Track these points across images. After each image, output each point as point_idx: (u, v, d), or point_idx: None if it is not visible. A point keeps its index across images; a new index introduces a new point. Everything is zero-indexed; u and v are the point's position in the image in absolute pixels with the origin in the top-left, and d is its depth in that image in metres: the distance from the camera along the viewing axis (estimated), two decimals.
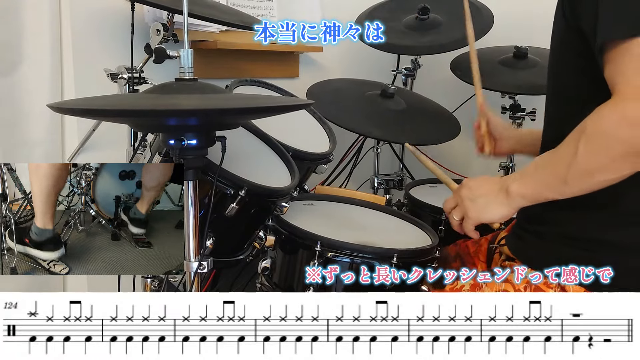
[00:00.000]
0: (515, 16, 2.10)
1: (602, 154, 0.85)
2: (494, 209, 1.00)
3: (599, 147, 0.85)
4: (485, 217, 1.03)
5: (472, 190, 1.04)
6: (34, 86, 1.45)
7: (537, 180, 0.96)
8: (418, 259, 1.20)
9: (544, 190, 0.95)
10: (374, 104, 1.80)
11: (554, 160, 0.93)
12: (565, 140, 0.90)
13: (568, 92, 1.01)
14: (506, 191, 0.98)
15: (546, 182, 0.94)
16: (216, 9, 1.52)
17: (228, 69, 1.84)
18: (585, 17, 0.89)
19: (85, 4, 1.52)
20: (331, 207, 1.48)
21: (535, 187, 0.96)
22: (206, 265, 1.00)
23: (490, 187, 1.02)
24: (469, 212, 1.03)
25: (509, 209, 0.99)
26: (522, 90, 1.86)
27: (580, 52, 0.93)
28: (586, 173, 0.88)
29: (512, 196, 0.98)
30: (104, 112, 0.94)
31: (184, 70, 0.96)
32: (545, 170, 0.95)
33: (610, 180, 0.87)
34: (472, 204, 1.03)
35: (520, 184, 0.97)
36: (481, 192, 1.02)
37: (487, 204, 1.01)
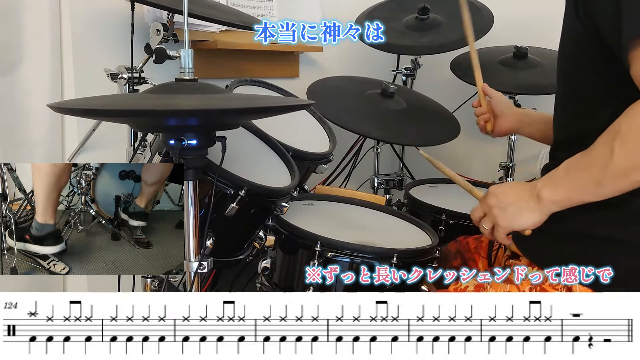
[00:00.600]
0: (515, 16, 2.10)
1: (638, 153, 0.84)
2: (526, 216, 0.99)
3: (636, 145, 0.84)
4: (517, 225, 1.01)
5: (500, 198, 1.02)
6: (34, 86, 1.45)
7: (569, 184, 0.94)
8: (418, 259, 1.20)
9: (577, 194, 0.93)
10: (374, 104, 1.80)
11: (587, 162, 0.91)
12: (598, 142, 0.89)
13: (582, 94, 1.00)
14: (537, 197, 0.97)
15: (580, 185, 0.93)
16: (216, 9, 1.52)
17: (228, 69, 1.84)
18: (602, 15, 0.88)
19: (85, 4, 1.52)
20: (331, 207, 1.48)
21: (568, 192, 0.94)
22: (206, 265, 1.00)
23: (519, 194, 1.00)
24: (500, 220, 1.02)
25: (541, 215, 0.98)
26: (522, 90, 1.86)
27: (594, 53, 0.92)
28: (623, 173, 0.87)
29: (544, 202, 0.96)
30: (104, 112, 0.94)
31: (184, 70, 0.96)
32: (578, 173, 0.93)
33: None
34: (502, 213, 1.01)
35: (552, 189, 0.96)
36: (510, 200, 1.01)
37: (517, 212, 1.00)
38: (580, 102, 1.01)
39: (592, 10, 0.90)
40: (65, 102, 1.31)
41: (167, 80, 0.98)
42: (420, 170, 2.16)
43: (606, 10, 0.86)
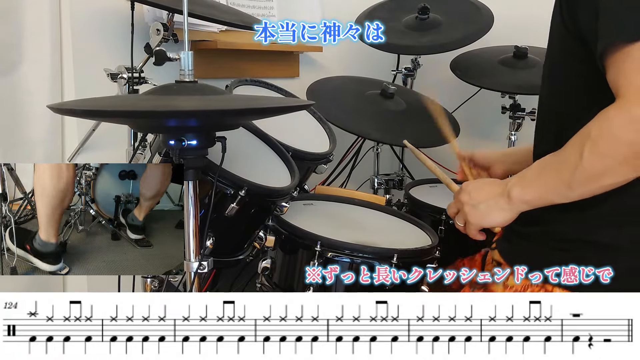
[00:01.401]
0: (515, 16, 2.09)
1: (608, 158, 0.84)
2: (495, 214, 1.00)
3: (605, 150, 0.84)
4: (487, 223, 1.02)
5: (471, 196, 1.03)
6: (34, 86, 1.45)
7: (539, 185, 0.95)
8: (418, 259, 1.20)
9: (547, 195, 0.94)
10: (374, 104, 1.80)
11: (558, 164, 0.92)
12: (569, 144, 0.89)
13: (566, 97, 1.00)
14: (507, 196, 0.97)
15: (550, 187, 0.93)
16: (216, 9, 1.52)
17: (228, 69, 1.84)
18: (585, 22, 0.88)
19: (85, 4, 1.52)
20: (331, 207, 1.48)
21: (539, 192, 0.95)
22: (206, 265, 1.00)
23: (490, 192, 1.01)
24: (470, 217, 1.03)
25: (511, 214, 0.98)
26: (522, 90, 1.86)
27: (581, 58, 0.92)
28: (592, 177, 0.87)
29: (514, 201, 0.97)
30: (105, 113, 0.94)
31: (184, 72, 0.96)
32: (548, 175, 0.93)
33: (616, 183, 0.86)
34: (474, 210, 1.02)
35: (522, 188, 0.96)
36: (481, 198, 1.02)
37: (488, 210, 1.00)
38: (564, 106, 1.00)
39: (577, 18, 0.90)
40: (65, 102, 1.31)
41: (167, 80, 0.99)
42: (420, 170, 2.15)
43: (589, 18, 0.86)
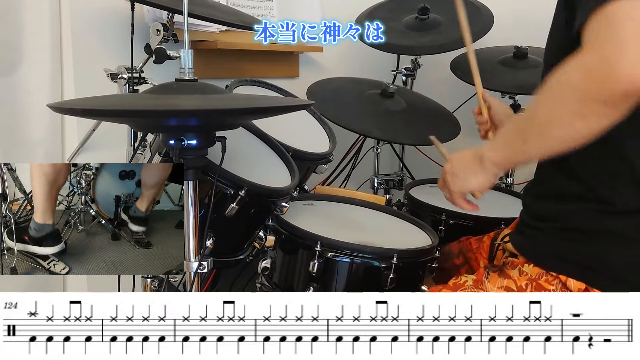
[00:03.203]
0: (515, 16, 2.10)
1: (555, 103, 0.83)
2: (471, 179, 1.01)
3: (552, 95, 0.83)
4: (466, 188, 1.04)
5: (452, 164, 1.05)
6: (34, 86, 1.45)
7: (504, 145, 0.96)
8: (418, 259, 1.20)
9: (510, 155, 0.95)
10: (374, 104, 1.80)
11: (518, 122, 0.93)
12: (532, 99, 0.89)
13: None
14: (480, 159, 0.98)
15: (511, 145, 0.94)
16: (216, 9, 1.52)
17: (228, 69, 1.84)
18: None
19: (85, 4, 1.52)
20: (331, 207, 1.48)
21: (503, 152, 0.96)
22: (206, 265, 1.00)
23: (468, 159, 1.02)
24: (451, 186, 1.05)
25: (485, 177, 0.99)
26: (522, 90, 1.86)
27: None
28: (542, 127, 0.85)
29: (486, 164, 0.98)
30: (105, 112, 0.94)
31: (184, 71, 0.96)
32: (510, 133, 0.95)
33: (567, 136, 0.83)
34: (454, 178, 1.04)
35: (491, 150, 0.97)
36: (461, 166, 1.03)
37: (465, 176, 1.02)
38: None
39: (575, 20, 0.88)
40: (65, 102, 1.31)
41: (167, 81, 0.98)
42: (420, 170, 2.16)
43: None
